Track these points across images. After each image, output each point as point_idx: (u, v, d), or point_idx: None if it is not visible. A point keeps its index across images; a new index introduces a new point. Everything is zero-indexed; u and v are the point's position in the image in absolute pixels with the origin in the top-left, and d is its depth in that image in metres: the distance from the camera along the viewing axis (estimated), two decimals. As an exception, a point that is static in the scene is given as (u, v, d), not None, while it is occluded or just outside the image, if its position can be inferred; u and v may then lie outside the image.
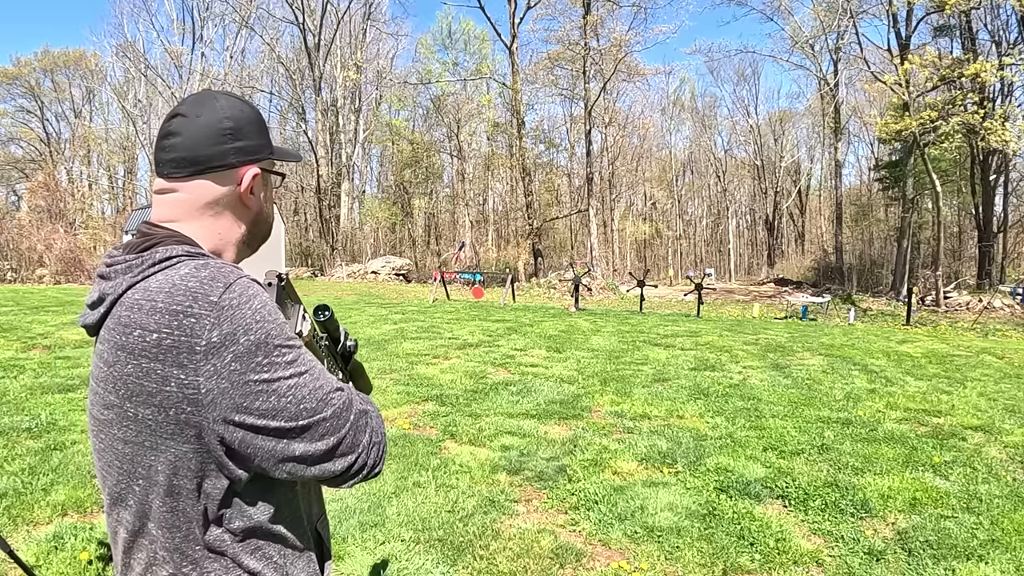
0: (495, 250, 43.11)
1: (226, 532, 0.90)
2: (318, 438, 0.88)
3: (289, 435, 0.86)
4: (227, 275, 0.89)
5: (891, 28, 24.96)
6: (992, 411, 5.94)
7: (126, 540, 0.94)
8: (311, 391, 0.87)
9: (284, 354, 0.87)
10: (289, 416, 0.86)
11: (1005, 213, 29.15)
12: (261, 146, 1.02)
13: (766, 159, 51.77)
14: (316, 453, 0.88)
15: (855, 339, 11.32)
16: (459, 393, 6.12)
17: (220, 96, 1.01)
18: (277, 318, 0.89)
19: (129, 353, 0.87)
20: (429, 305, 16.56)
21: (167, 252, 0.91)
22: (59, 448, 4.14)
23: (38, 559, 2.77)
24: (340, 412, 0.90)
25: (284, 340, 0.87)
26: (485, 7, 37.74)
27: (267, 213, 1.07)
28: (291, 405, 0.86)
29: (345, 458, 0.90)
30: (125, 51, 41.21)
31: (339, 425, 0.89)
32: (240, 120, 0.99)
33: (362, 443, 0.92)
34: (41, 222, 26.38)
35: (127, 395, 0.88)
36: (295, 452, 0.87)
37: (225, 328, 0.84)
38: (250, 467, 0.89)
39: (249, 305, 0.86)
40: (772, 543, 3.15)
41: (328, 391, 0.89)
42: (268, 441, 0.86)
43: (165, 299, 0.86)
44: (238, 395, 0.84)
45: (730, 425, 5.24)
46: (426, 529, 3.24)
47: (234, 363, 0.84)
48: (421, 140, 42.97)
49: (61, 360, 6.89)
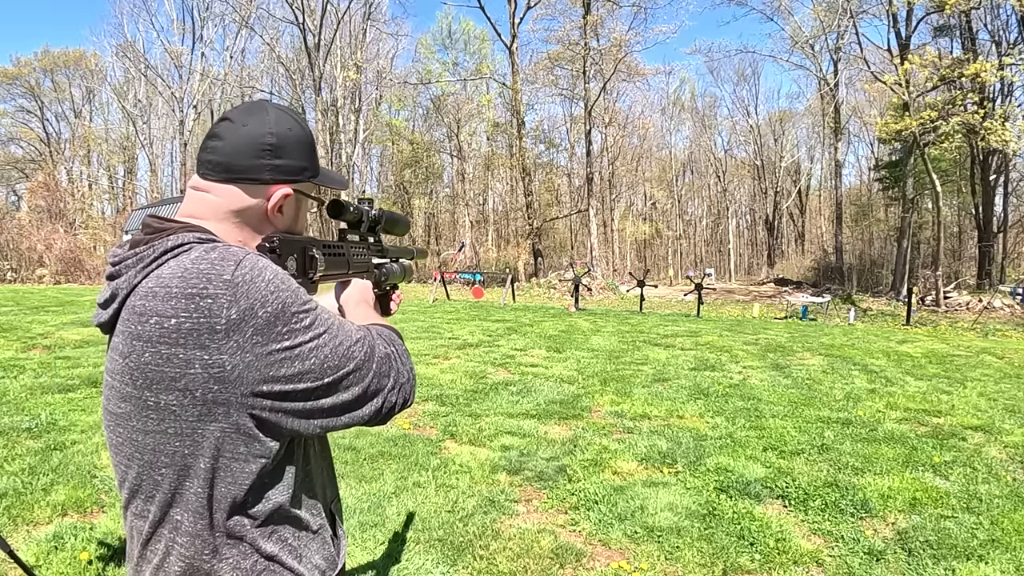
0: (495, 250, 43.09)
1: (246, 517, 0.92)
2: (344, 390, 0.92)
3: (316, 393, 0.90)
4: (235, 253, 0.90)
5: (891, 28, 24.96)
6: (992, 411, 5.94)
7: (147, 532, 0.94)
8: (332, 349, 0.91)
9: (302, 319, 0.89)
10: (315, 376, 0.89)
11: (1005, 213, 29.15)
12: (301, 168, 1.03)
13: (766, 159, 51.77)
14: (344, 403, 0.93)
15: (855, 339, 11.32)
16: (459, 393, 6.12)
17: (272, 109, 1.01)
18: (290, 285, 0.91)
19: (146, 342, 0.88)
20: (429, 305, 16.56)
21: (178, 240, 0.92)
22: (59, 448, 4.14)
23: (38, 559, 2.77)
24: (362, 363, 0.94)
25: (300, 306, 0.90)
26: (485, 7, 37.79)
27: (296, 232, 1.07)
28: (315, 367, 0.89)
29: (372, 403, 0.95)
30: (125, 51, 41.21)
31: (363, 376, 0.94)
32: (285, 138, 1.00)
33: (386, 387, 0.97)
34: (41, 222, 26.39)
35: (146, 384, 0.88)
36: (324, 405, 0.91)
37: (243, 304, 0.86)
38: (283, 433, 0.91)
39: (262, 277, 0.88)
40: (772, 543, 3.15)
41: (348, 345, 0.93)
42: (297, 403, 0.89)
43: (179, 284, 0.87)
44: (263, 365, 0.87)
45: (730, 425, 5.24)
46: (426, 529, 3.24)
47: (256, 336, 0.86)
48: (421, 140, 42.96)
49: (61, 360, 6.89)
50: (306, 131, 1.04)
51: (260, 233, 1.02)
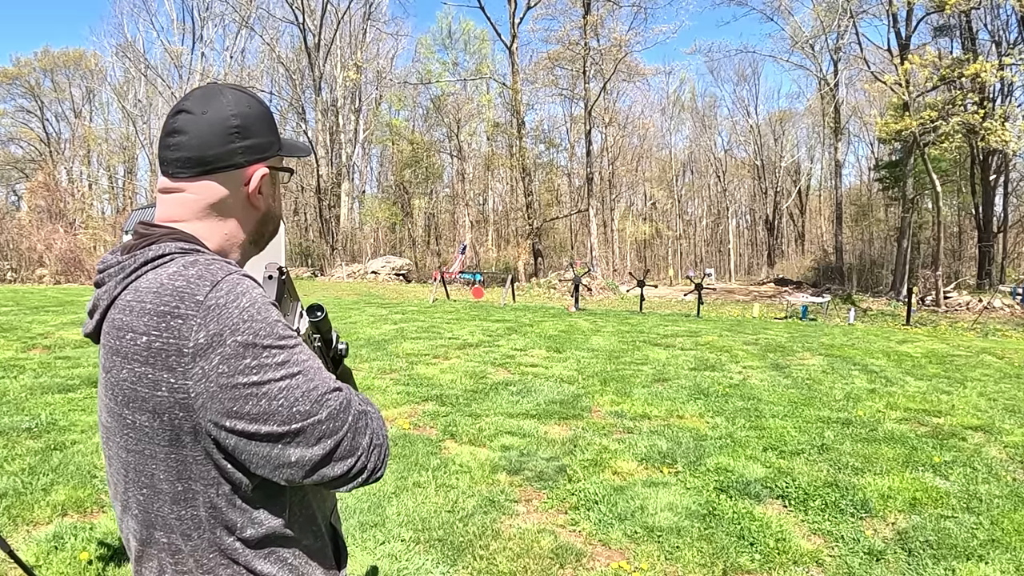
0: (495, 250, 43.11)
1: (238, 540, 0.87)
2: (314, 442, 0.82)
3: (283, 440, 0.81)
4: (215, 272, 0.84)
5: (891, 28, 24.95)
6: (992, 411, 5.94)
7: (137, 549, 0.92)
8: (304, 392, 0.82)
9: (275, 354, 0.82)
10: (282, 420, 0.81)
11: (1005, 213, 29.16)
12: (270, 143, 0.98)
13: (766, 159, 51.77)
14: (313, 458, 0.83)
15: (855, 339, 11.32)
16: (459, 393, 6.12)
17: (227, 91, 0.96)
18: (268, 316, 0.83)
19: (123, 357, 0.84)
20: (429, 305, 16.56)
21: (159, 250, 0.88)
22: (59, 448, 4.14)
23: (38, 559, 2.77)
24: (337, 413, 0.84)
25: (275, 339, 0.82)
26: (485, 7, 37.73)
27: (275, 211, 1.03)
28: (283, 408, 0.81)
29: (344, 462, 0.85)
30: (125, 51, 41.24)
31: (336, 428, 0.84)
32: (248, 117, 0.95)
33: (362, 446, 0.87)
34: (41, 222, 26.38)
35: (125, 401, 0.85)
36: (291, 458, 0.82)
37: (212, 328, 0.80)
38: (252, 473, 0.86)
39: (237, 304, 0.82)
40: (772, 543, 3.15)
41: (324, 392, 0.84)
42: (262, 447, 0.82)
43: (153, 300, 0.83)
44: (227, 399, 0.80)
45: (730, 425, 5.24)
46: (426, 529, 3.24)
47: (222, 365, 0.80)
48: (421, 140, 42.95)
49: (61, 360, 6.89)
50: (262, 104, 0.99)
51: (246, 219, 0.97)
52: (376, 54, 42.35)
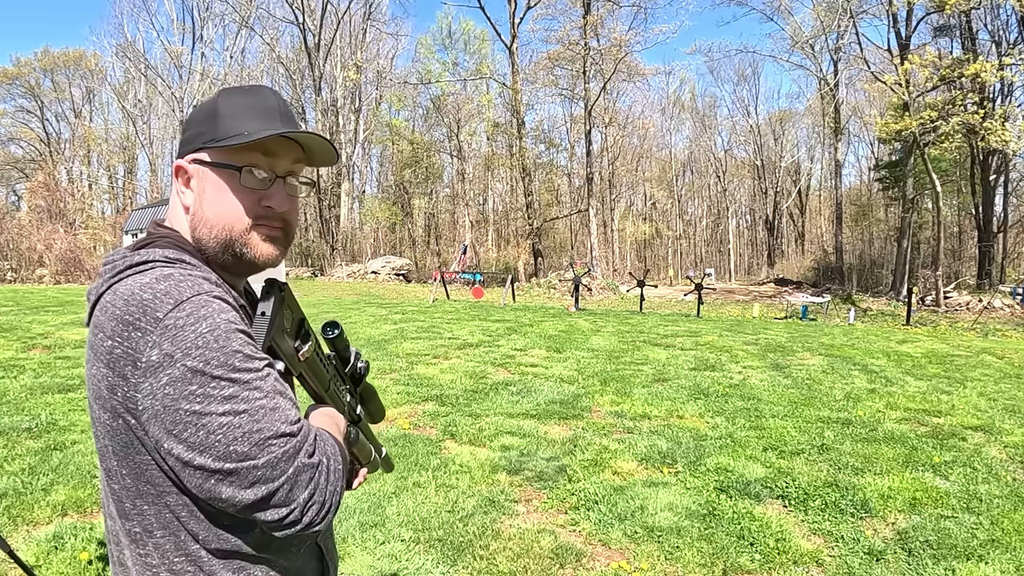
0: (495, 250, 43.13)
1: (204, 549, 0.85)
2: (247, 485, 0.78)
3: (216, 475, 0.78)
4: (183, 291, 0.81)
5: (891, 28, 24.96)
6: (992, 411, 5.94)
7: (112, 550, 0.92)
8: (245, 433, 0.78)
9: (223, 387, 0.78)
10: (216, 455, 0.77)
11: (1005, 213, 29.16)
12: (196, 135, 0.92)
13: (766, 159, 51.77)
14: (244, 500, 0.79)
15: (855, 339, 11.32)
16: (459, 393, 6.12)
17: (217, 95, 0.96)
18: (226, 345, 0.79)
19: (95, 354, 0.83)
20: (429, 305, 16.56)
21: (145, 255, 0.87)
22: (59, 448, 4.14)
23: (38, 559, 2.77)
24: (276, 462, 0.79)
25: (226, 371, 0.78)
26: (485, 7, 37.67)
27: (207, 219, 0.92)
28: (219, 444, 0.77)
29: (277, 510, 0.80)
30: (125, 51, 41.26)
31: (272, 476, 0.79)
32: (193, 113, 0.94)
33: (298, 499, 0.81)
34: (41, 222, 26.40)
35: (94, 396, 0.85)
36: (222, 495, 0.79)
37: (165, 348, 0.78)
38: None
39: (195, 328, 0.78)
40: (772, 543, 3.15)
41: (268, 435, 0.79)
42: (195, 476, 0.79)
43: (122, 307, 0.81)
44: (169, 421, 0.78)
45: (730, 425, 5.24)
46: (426, 529, 3.24)
47: (168, 387, 0.77)
48: (421, 140, 42.97)
49: (61, 360, 6.89)
50: (213, 101, 0.92)
51: (193, 226, 0.93)
52: (376, 54, 42.38)
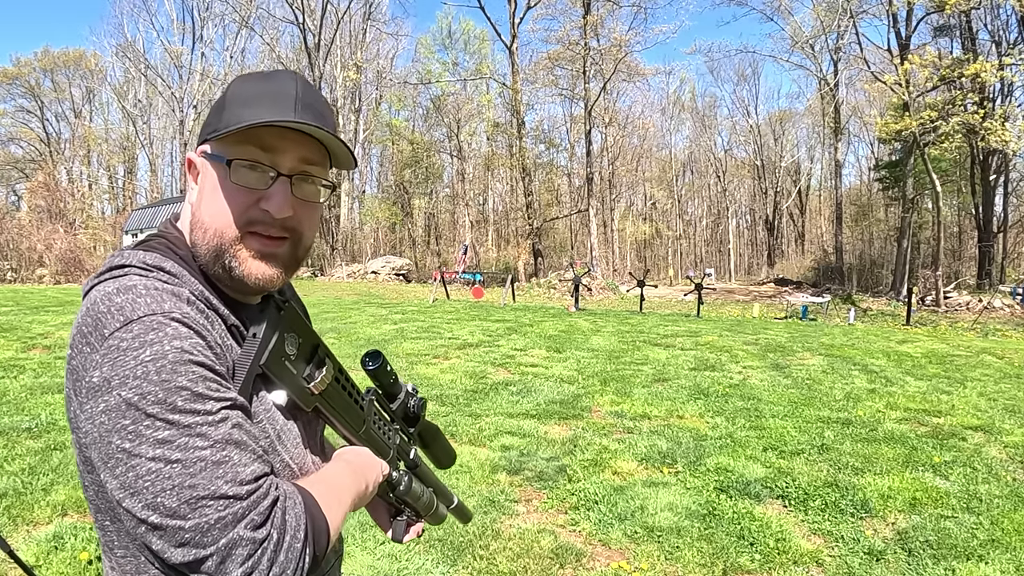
0: (495, 250, 43.15)
1: (172, 570, 0.72)
2: (176, 544, 0.67)
3: (144, 524, 0.68)
4: (136, 308, 0.72)
5: (891, 28, 24.97)
6: (992, 411, 5.94)
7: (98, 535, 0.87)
8: (175, 487, 0.67)
9: (157, 427, 0.67)
10: (144, 504, 0.67)
11: (1005, 213, 29.17)
12: (205, 125, 0.85)
13: (766, 159, 51.78)
14: (174, 559, 0.68)
15: (855, 339, 11.32)
16: (459, 393, 6.12)
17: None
18: (169, 379, 0.68)
19: (67, 360, 0.77)
20: (429, 305, 16.56)
21: (124, 259, 0.80)
22: (59, 448, 4.15)
23: (38, 559, 2.77)
24: (208, 528, 0.67)
25: (163, 409, 0.67)
26: (485, 7, 37.62)
27: (202, 221, 0.83)
28: (147, 492, 0.67)
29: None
30: (125, 51, 41.31)
31: (203, 543, 0.67)
32: (209, 109, 0.88)
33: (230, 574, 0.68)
34: (41, 222, 26.41)
35: (66, 402, 0.79)
36: (152, 546, 0.69)
37: (105, 372, 0.69)
38: None
39: (136, 354, 0.68)
40: (772, 543, 3.15)
41: (202, 495, 0.67)
42: (127, 519, 0.70)
43: (84, 315, 0.74)
44: (104, 453, 0.69)
45: (730, 425, 5.24)
46: (426, 529, 3.24)
47: (103, 416, 0.69)
48: (421, 140, 42.99)
49: (61, 360, 6.89)
50: (228, 87, 0.84)
51: (192, 228, 0.84)
52: (376, 54, 42.42)
